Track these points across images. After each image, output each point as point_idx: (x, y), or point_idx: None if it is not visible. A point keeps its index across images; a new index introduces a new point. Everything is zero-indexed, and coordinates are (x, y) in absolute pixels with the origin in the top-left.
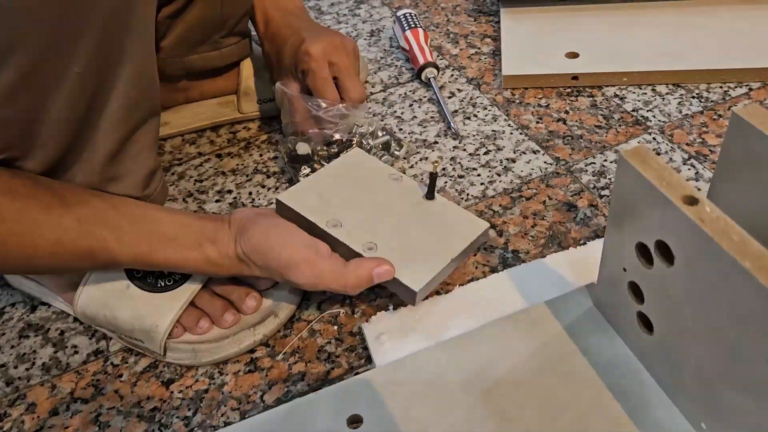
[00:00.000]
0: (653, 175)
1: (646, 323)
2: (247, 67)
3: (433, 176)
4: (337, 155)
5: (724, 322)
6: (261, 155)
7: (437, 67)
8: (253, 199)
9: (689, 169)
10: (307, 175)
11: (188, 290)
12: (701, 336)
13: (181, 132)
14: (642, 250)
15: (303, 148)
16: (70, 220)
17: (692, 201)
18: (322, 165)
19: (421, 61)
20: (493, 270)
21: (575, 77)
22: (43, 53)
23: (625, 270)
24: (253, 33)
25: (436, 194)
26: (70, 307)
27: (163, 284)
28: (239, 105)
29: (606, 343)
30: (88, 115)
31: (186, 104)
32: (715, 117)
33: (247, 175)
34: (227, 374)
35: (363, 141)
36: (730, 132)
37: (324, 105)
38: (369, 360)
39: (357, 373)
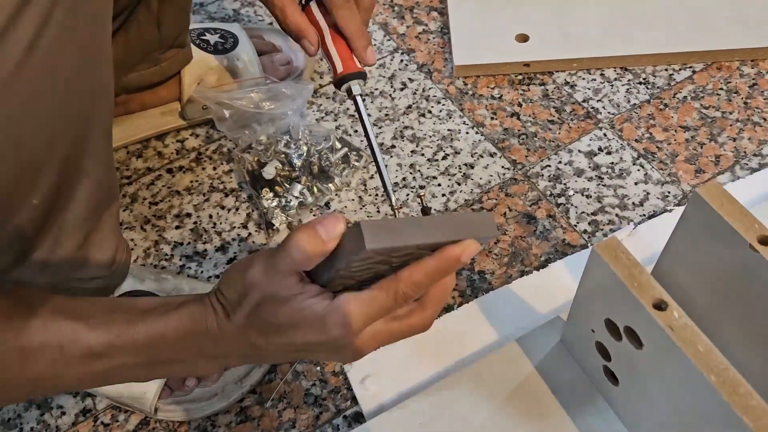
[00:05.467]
0: (624, 274)
1: (612, 374)
2: (189, 74)
3: (426, 211)
4: (298, 179)
5: (686, 409)
6: (215, 168)
7: (365, 77)
8: (215, 224)
9: (639, 170)
10: (270, 199)
11: None
12: (663, 406)
13: (125, 144)
14: (610, 325)
15: (269, 172)
16: (34, 321)
17: (661, 305)
18: (285, 187)
19: (340, 67)
20: (462, 294)
21: (527, 64)
22: (0, 197)
23: (593, 331)
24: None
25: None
26: None
27: None
28: (183, 111)
29: (574, 381)
30: (45, 230)
31: (126, 115)
32: (662, 107)
33: (203, 194)
34: (220, 426)
35: (322, 157)
36: (690, 207)
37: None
38: (354, 400)
39: (345, 416)
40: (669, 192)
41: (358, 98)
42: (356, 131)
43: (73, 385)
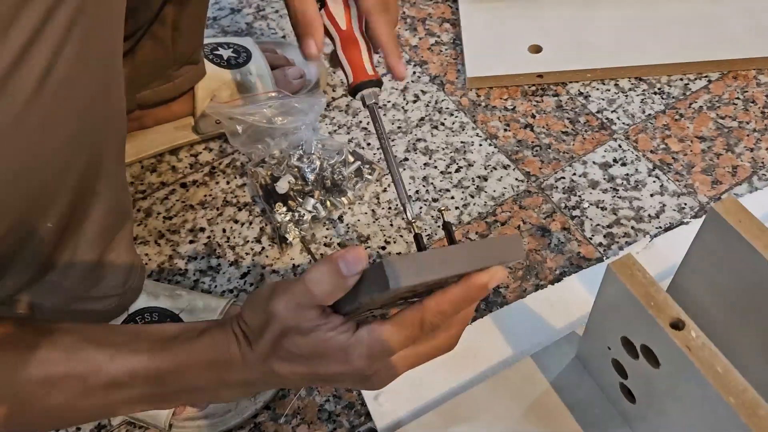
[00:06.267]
0: (641, 292)
1: (628, 392)
2: (202, 89)
3: (447, 226)
4: (311, 193)
5: (705, 430)
6: (228, 182)
7: (380, 85)
8: (228, 238)
9: (654, 181)
10: (283, 213)
11: None
12: (681, 426)
13: (139, 159)
14: (627, 343)
15: (282, 187)
16: (57, 352)
17: (679, 325)
18: (298, 201)
19: (371, 70)
20: (476, 308)
21: (540, 75)
22: (15, 222)
23: (609, 348)
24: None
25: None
26: None
27: None
28: (197, 126)
29: (590, 398)
30: (59, 251)
31: (140, 130)
32: (677, 117)
33: (217, 208)
34: None
35: (335, 171)
36: (706, 223)
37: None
38: (368, 416)
39: None
40: (685, 204)
41: (374, 107)
42: (369, 144)
43: (95, 415)
